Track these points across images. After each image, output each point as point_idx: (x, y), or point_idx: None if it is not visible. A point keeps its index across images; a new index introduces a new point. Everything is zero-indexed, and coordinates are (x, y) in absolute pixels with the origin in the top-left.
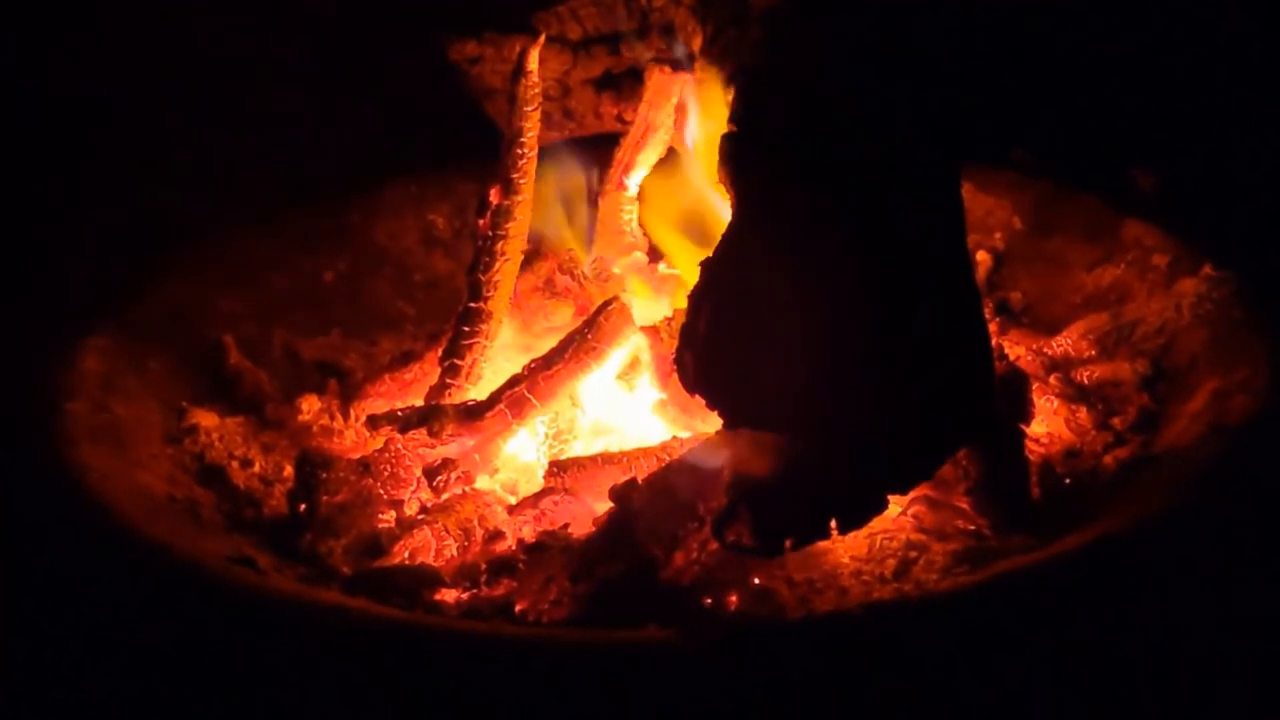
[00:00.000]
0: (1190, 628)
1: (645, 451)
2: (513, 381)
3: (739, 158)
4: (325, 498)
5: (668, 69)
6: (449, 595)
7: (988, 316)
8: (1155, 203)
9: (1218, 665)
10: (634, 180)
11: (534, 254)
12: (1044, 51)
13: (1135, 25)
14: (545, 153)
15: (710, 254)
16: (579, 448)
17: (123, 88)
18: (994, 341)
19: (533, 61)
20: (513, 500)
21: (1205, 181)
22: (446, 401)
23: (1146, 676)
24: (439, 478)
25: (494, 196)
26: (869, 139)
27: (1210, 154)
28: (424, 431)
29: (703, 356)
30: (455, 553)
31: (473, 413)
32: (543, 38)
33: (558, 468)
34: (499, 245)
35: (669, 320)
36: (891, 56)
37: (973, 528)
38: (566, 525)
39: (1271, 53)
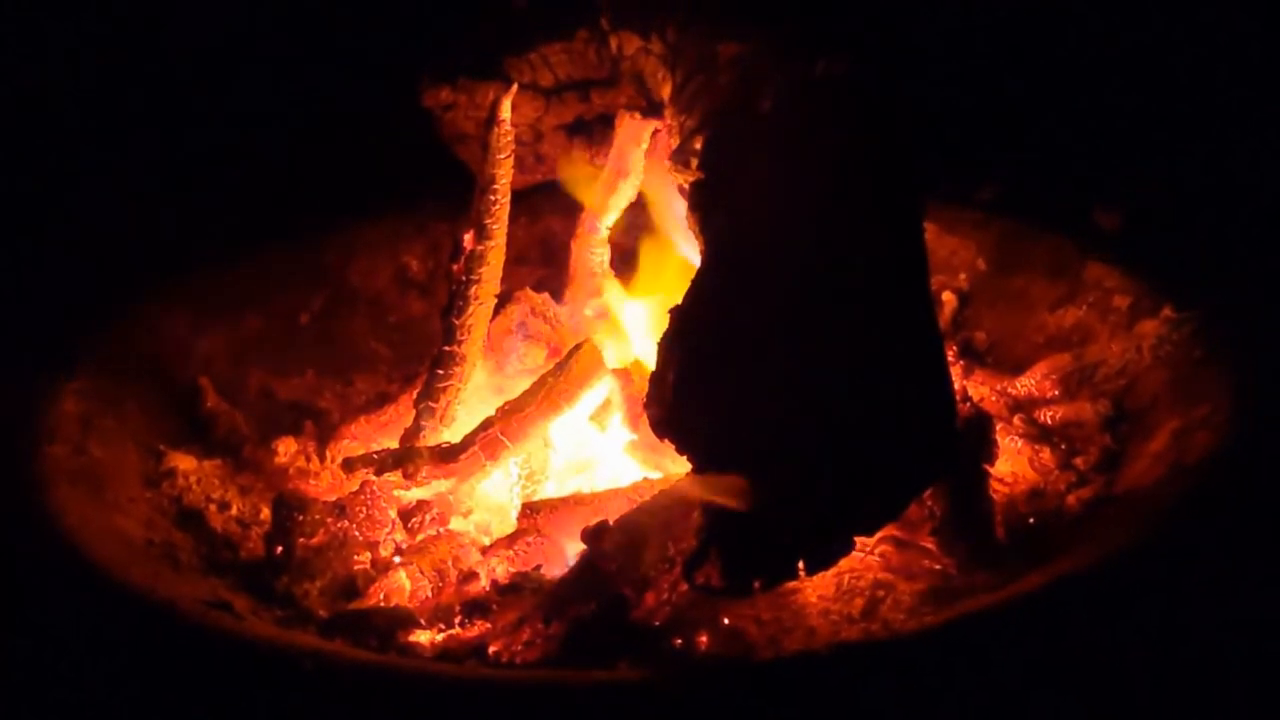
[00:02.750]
0: (1153, 664)
1: (616, 493)
2: (486, 424)
3: (707, 204)
4: (301, 540)
5: (638, 115)
6: (424, 636)
7: (953, 358)
8: (1117, 242)
9: (1180, 701)
10: (605, 223)
11: (506, 297)
12: (1008, 91)
13: (1097, 67)
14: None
15: (679, 300)
16: (551, 488)
17: (98, 129)
18: (959, 383)
19: (505, 110)
20: (486, 541)
21: (1167, 221)
22: (421, 443)
23: (1111, 713)
24: (414, 519)
25: (467, 242)
26: (833, 184)
27: (1172, 194)
28: (399, 473)
29: (672, 401)
30: (430, 594)
31: (448, 455)
32: (515, 87)
33: (530, 509)
34: (472, 289)
35: (639, 363)
36: (855, 102)
37: (939, 567)
38: (539, 566)
39: (1231, 97)
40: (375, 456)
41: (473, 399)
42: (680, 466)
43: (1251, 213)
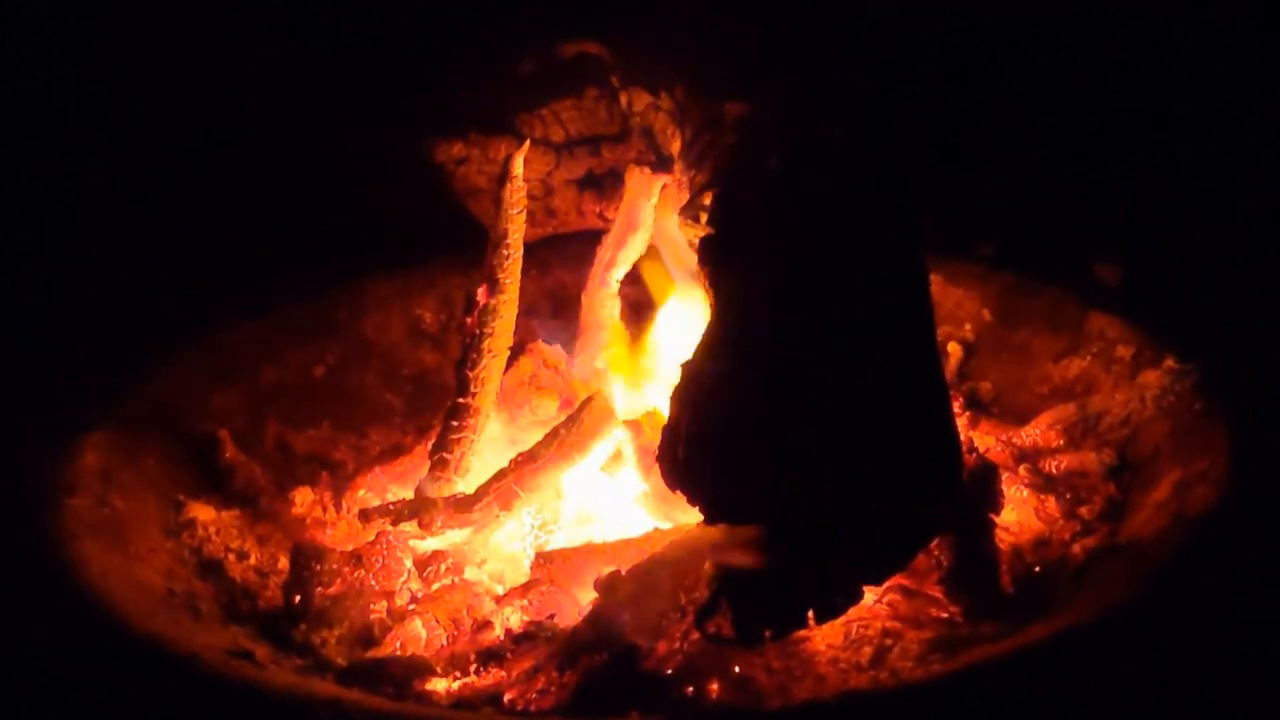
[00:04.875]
0: (1156, 715)
1: (629, 543)
2: (500, 475)
3: (716, 258)
4: (319, 589)
5: (647, 169)
6: (440, 685)
7: (959, 409)
8: (1118, 295)
9: None
10: (615, 276)
11: (519, 350)
12: (1007, 143)
13: (1096, 115)
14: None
15: (690, 355)
16: (563, 538)
17: (113, 180)
18: (965, 434)
19: (518, 166)
20: (500, 590)
21: (1167, 274)
22: (436, 494)
23: None
24: (429, 569)
25: (481, 296)
26: (840, 239)
27: (1172, 247)
28: (415, 523)
29: (683, 453)
30: (445, 642)
31: (462, 505)
32: (527, 143)
33: (544, 559)
34: (485, 343)
35: (650, 414)
36: (859, 160)
37: (946, 615)
38: (553, 615)
39: (1227, 146)
40: (391, 507)
41: (486, 450)
42: (691, 517)
43: (1251, 262)
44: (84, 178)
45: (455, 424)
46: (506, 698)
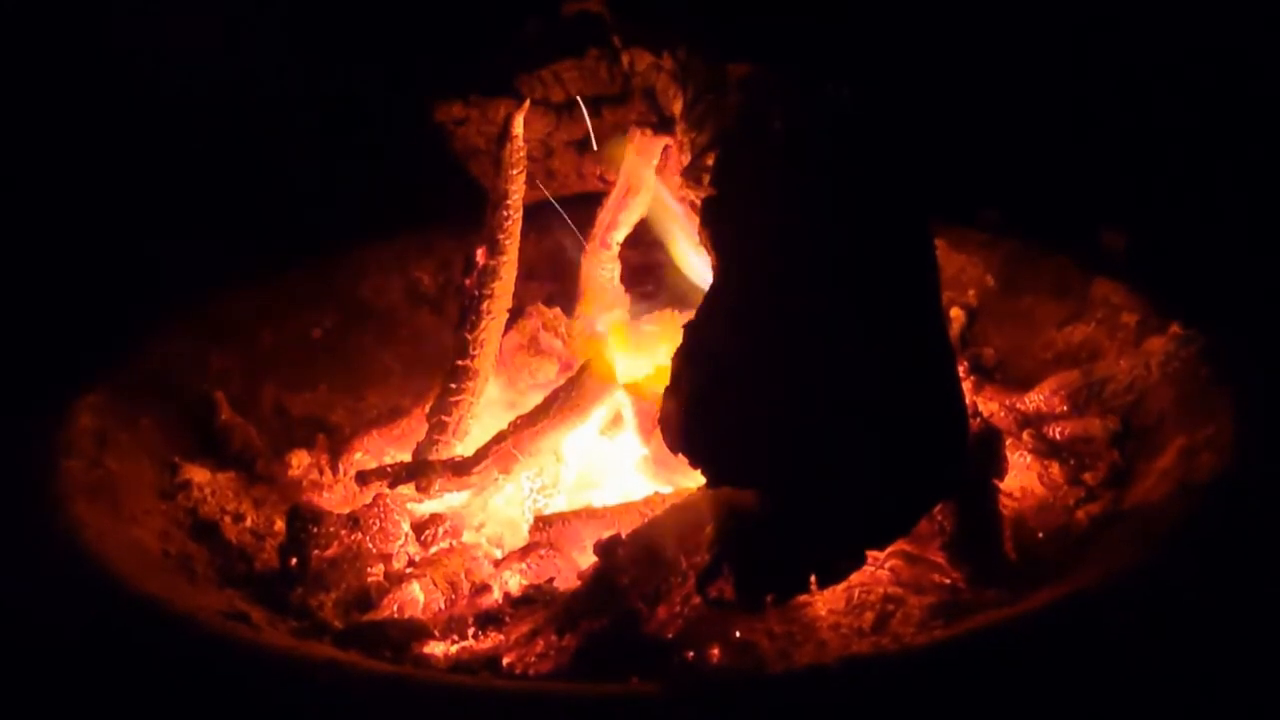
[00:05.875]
0: (1161, 683)
1: (628, 507)
2: (499, 438)
3: (718, 220)
4: (316, 552)
5: (649, 131)
6: (437, 648)
7: (962, 374)
8: (1123, 262)
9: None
10: (616, 239)
11: (519, 312)
12: (1014, 110)
13: (1104, 83)
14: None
15: (692, 316)
16: (562, 502)
17: (113, 146)
18: (969, 398)
19: (518, 126)
20: (499, 554)
21: (1172, 241)
22: (434, 457)
23: None
24: (426, 532)
25: (480, 257)
26: (844, 201)
27: (1176, 213)
28: (413, 486)
29: (686, 416)
30: (443, 606)
31: (460, 468)
32: (527, 103)
33: (543, 522)
34: (485, 304)
35: (651, 377)
36: (862, 122)
37: (948, 581)
38: (552, 579)
39: (1236, 113)
40: (389, 470)
41: (485, 413)
42: (693, 481)
43: (1257, 229)
44: (83, 142)
45: (454, 386)
46: (505, 661)
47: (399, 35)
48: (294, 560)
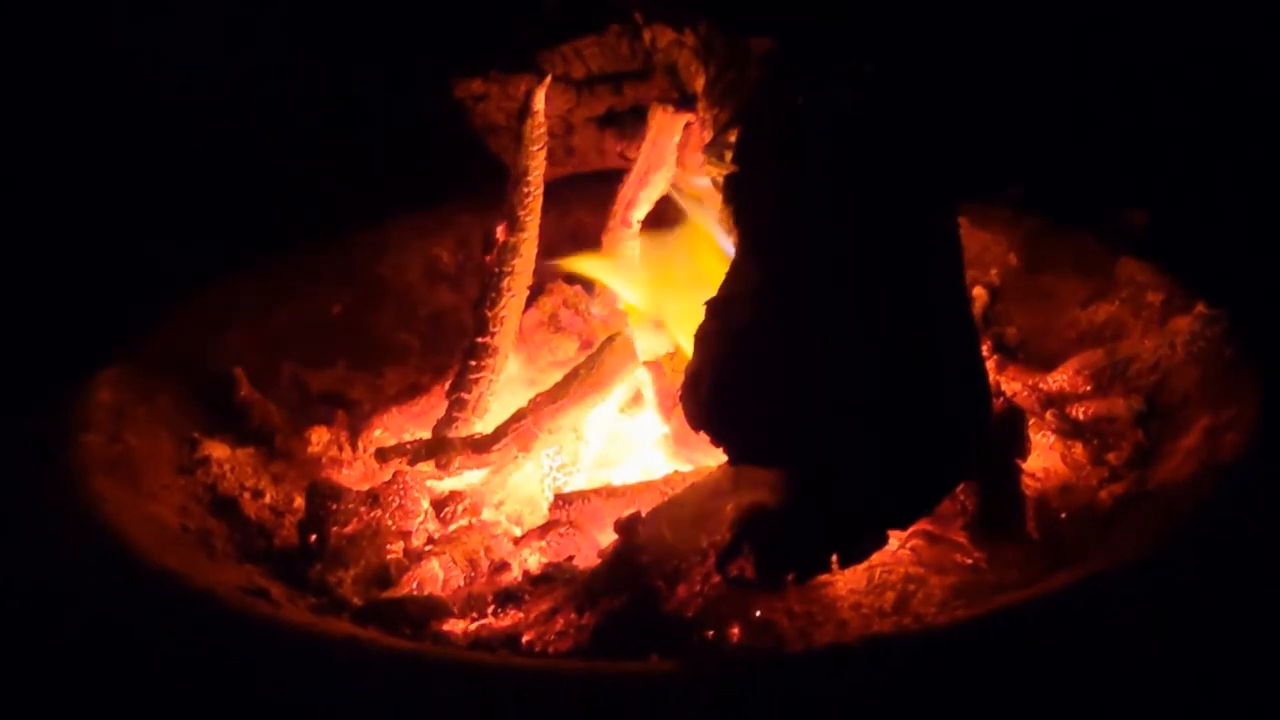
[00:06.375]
0: (1182, 663)
1: (649, 485)
2: (518, 415)
3: (741, 197)
4: (335, 529)
5: (670, 108)
6: (457, 626)
7: (985, 353)
8: (1147, 241)
9: (1209, 699)
10: (637, 216)
11: (539, 289)
12: (1039, 89)
13: (1128, 64)
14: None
15: (715, 293)
16: (582, 480)
17: (131, 126)
18: (991, 378)
19: (538, 102)
20: (518, 532)
21: (1197, 220)
22: (454, 434)
23: (1139, 711)
24: (446, 509)
25: (500, 233)
26: (867, 178)
27: (1202, 193)
28: (432, 463)
29: (708, 394)
30: (462, 583)
31: (480, 445)
32: (548, 79)
33: (563, 500)
34: (505, 281)
35: (671, 355)
36: (887, 96)
37: (970, 562)
38: (571, 557)
39: (1260, 95)
40: (408, 446)
41: (504, 390)
42: (713, 459)
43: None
44: (104, 120)
45: (474, 364)
46: (524, 639)
47: (418, 10)
48: (313, 537)
